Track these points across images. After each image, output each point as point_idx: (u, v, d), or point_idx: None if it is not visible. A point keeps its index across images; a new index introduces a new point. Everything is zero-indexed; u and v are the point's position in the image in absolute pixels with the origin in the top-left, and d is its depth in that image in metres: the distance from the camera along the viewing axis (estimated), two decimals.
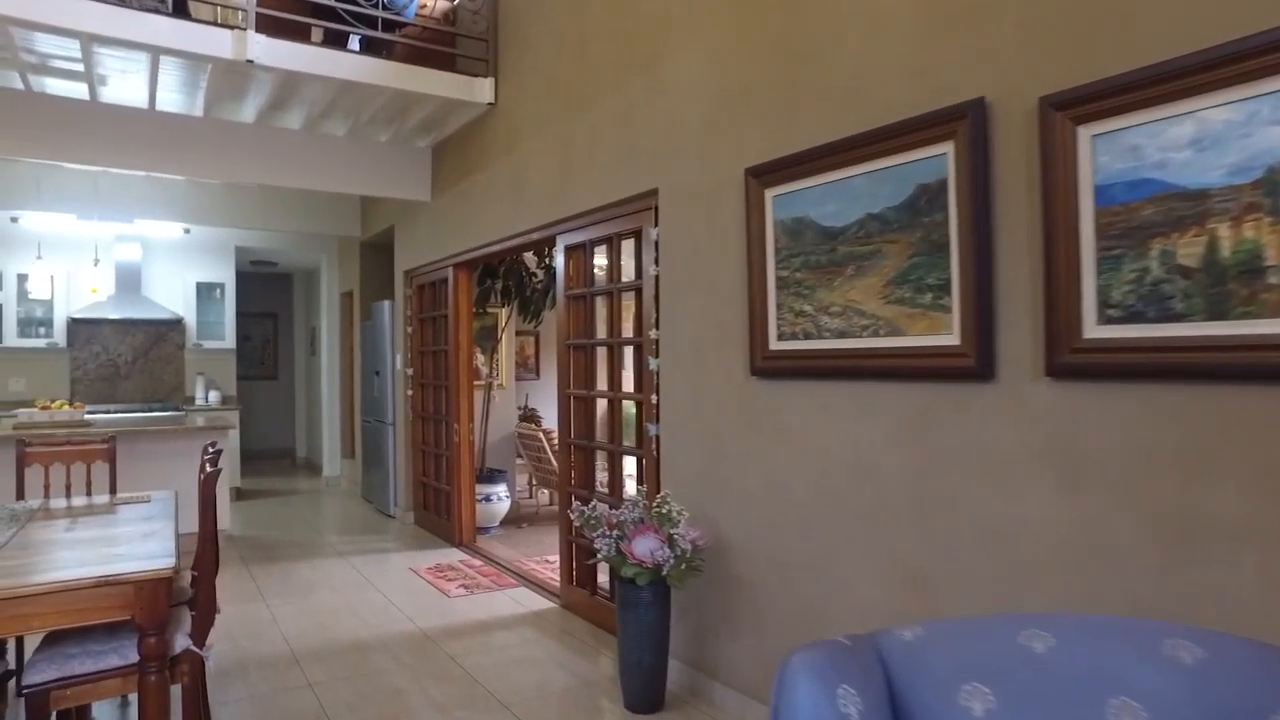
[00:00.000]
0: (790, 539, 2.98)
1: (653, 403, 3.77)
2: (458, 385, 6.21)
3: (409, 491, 7.10)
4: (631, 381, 4.17)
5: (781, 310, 2.99)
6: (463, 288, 6.19)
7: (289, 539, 6.48)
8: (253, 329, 11.79)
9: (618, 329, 4.20)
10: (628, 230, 4.07)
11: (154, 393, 8.35)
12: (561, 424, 4.63)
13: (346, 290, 9.02)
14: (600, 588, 4.44)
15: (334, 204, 8.19)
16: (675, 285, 3.59)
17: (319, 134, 6.09)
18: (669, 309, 3.63)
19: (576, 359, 4.54)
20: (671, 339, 3.61)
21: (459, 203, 5.98)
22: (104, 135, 5.36)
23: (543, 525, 7.14)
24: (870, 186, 2.64)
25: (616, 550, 3.16)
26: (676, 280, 3.58)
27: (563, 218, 4.52)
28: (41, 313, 7.75)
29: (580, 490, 4.52)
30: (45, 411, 5.73)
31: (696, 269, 3.45)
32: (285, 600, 4.81)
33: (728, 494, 3.27)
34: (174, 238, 8.32)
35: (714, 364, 3.34)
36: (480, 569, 5.54)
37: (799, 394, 2.94)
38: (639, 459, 4.03)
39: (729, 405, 3.26)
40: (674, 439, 3.60)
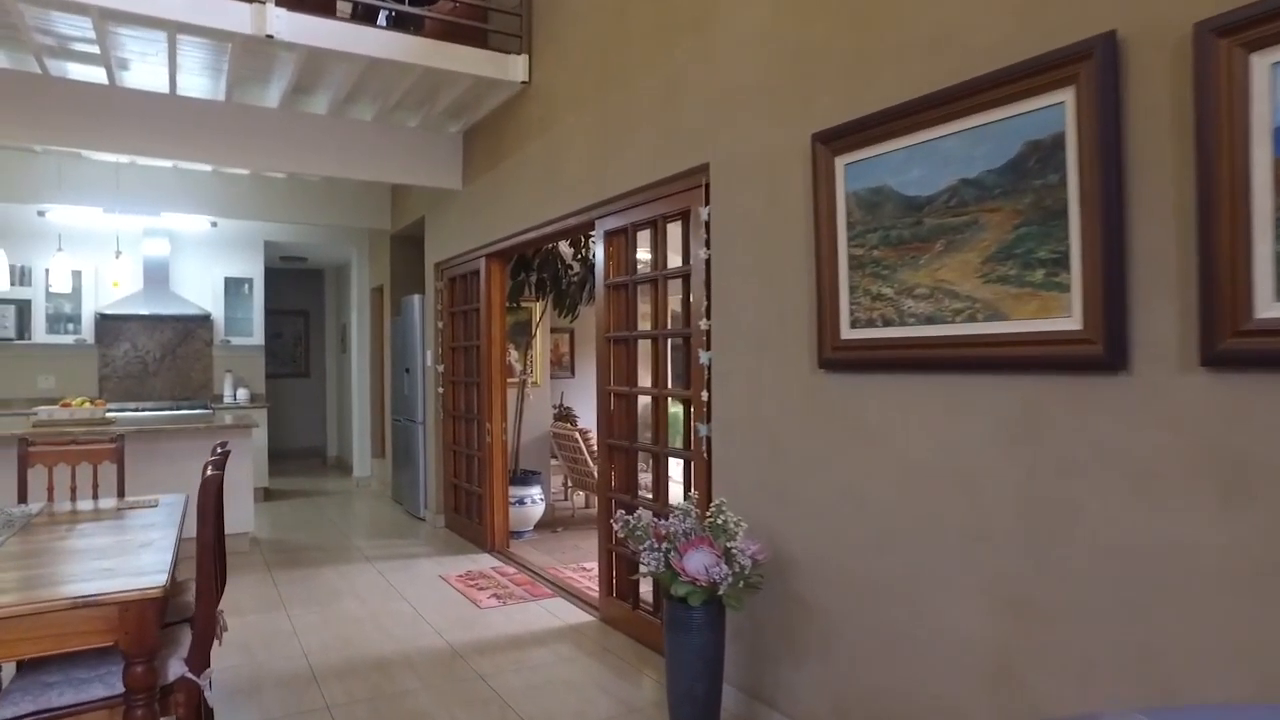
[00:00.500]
0: (865, 555, 2.61)
1: (703, 400, 3.41)
2: (490, 382, 5.91)
3: (439, 493, 6.82)
4: (678, 377, 3.82)
5: (855, 294, 2.62)
6: (495, 280, 5.88)
7: (315, 542, 6.23)
8: (284, 326, 11.64)
9: (663, 320, 3.86)
10: (674, 212, 3.72)
11: (182, 390, 8.17)
12: (601, 423, 4.29)
13: (377, 285, 8.78)
14: (643, 601, 4.10)
15: (363, 195, 7.94)
16: (729, 270, 3.23)
17: (346, 119, 5.82)
18: (722, 296, 3.28)
19: (617, 353, 4.20)
20: (725, 330, 3.26)
21: (491, 190, 5.67)
22: (123, 122, 5.13)
23: (579, 529, 6.82)
24: (964, 148, 2.26)
25: (666, 566, 2.81)
26: (731, 264, 3.23)
27: (602, 200, 4.18)
28: (70, 309, 7.60)
29: (621, 495, 4.18)
30: (65, 409, 5.53)
31: (754, 251, 3.09)
32: (308, 609, 4.53)
33: (790, 502, 2.90)
34: (201, 232, 8.14)
35: (775, 356, 2.98)
36: (513, 577, 5.22)
37: (876, 389, 2.57)
38: (687, 462, 3.68)
39: (792, 402, 2.89)
40: (728, 440, 3.24)
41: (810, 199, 2.79)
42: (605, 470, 4.27)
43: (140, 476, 5.39)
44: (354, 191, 7.89)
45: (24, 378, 7.63)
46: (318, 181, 7.68)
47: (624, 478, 4.20)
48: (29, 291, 7.37)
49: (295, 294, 11.53)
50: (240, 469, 5.84)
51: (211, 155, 5.44)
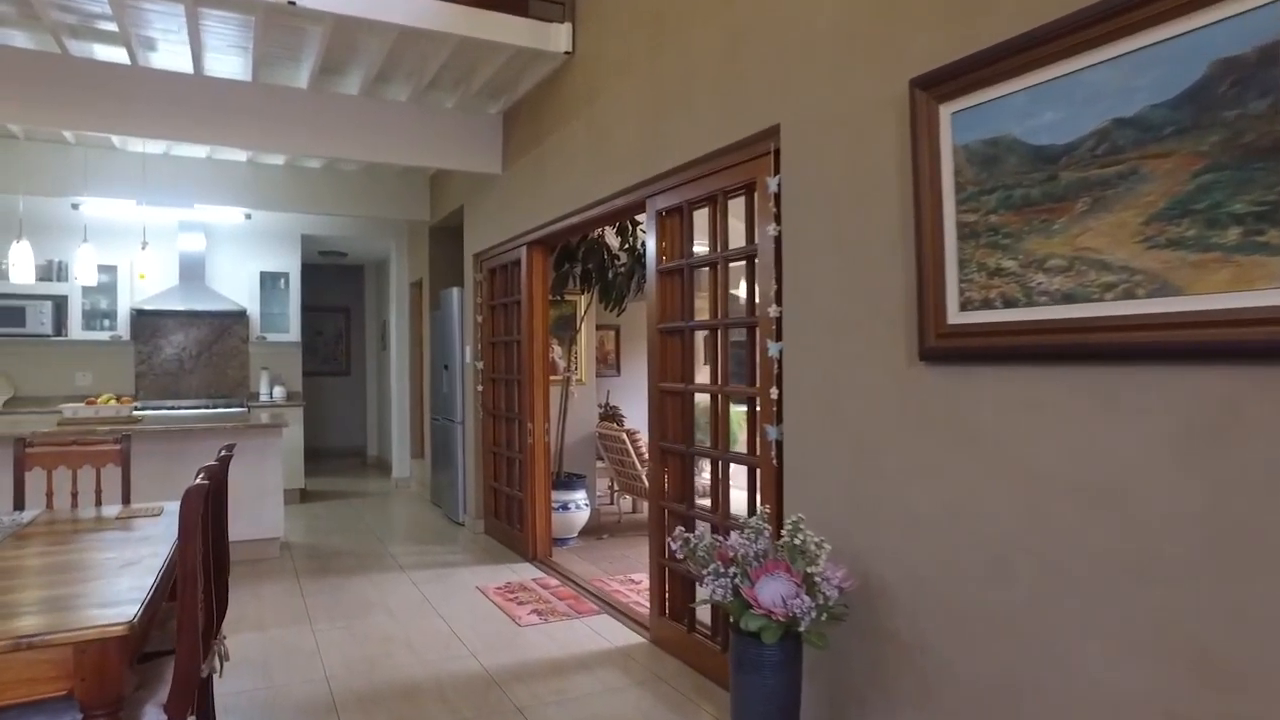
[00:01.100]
0: (976, 584, 2.15)
1: (772, 398, 2.97)
2: (531, 379, 5.53)
3: (479, 497, 6.46)
4: (741, 372, 3.38)
5: (967, 269, 2.15)
6: (537, 269, 5.50)
7: (348, 548, 5.91)
8: (325, 324, 11.44)
9: (723, 308, 3.42)
10: (736, 185, 3.28)
11: (218, 388, 7.95)
12: (652, 424, 3.87)
13: (416, 280, 8.48)
14: (700, 623, 3.66)
15: (401, 185, 7.63)
16: (804, 247, 2.79)
17: (379, 100, 5.49)
18: (795, 278, 2.83)
19: (670, 346, 3.78)
20: (799, 316, 2.81)
21: (532, 173, 5.29)
22: (148, 104, 4.85)
23: (626, 536, 6.41)
24: (1119, 78, 1.79)
25: (735, 594, 2.38)
26: (806, 241, 2.78)
27: (654, 176, 3.76)
28: (106, 304, 7.42)
29: (674, 504, 3.75)
30: (91, 406, 5.29)
31: (834, 224, 2.64)
32: (334, 624, 4.19)
33: (881, 520, 2.45)
34: (236, 225, 7.90)
35: (860, 346, 2.53)
36: (556, 590, 4.83)
37: (993, 384, 2.10)
38: (751, 469, 3.24)
39: (883, 401, 2.44)
40: (802, 445, 2.79)
41: (906, 158, 2.33)
42: (657, 476, 3.85)
43: (165, 479, 5.13)
44: (391, 181, 7.59)
45: (62, 375, 7.48)
46: (354, 171, 7.40)
47: (678, 485, 3.77)
48: (65, 287, 7.21)
49: (336, 291, 11.32)
50: (269, 470, 5.55)
51: (239, 139, 5.14)
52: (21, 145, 6.27)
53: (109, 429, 5.01)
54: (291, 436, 7.63)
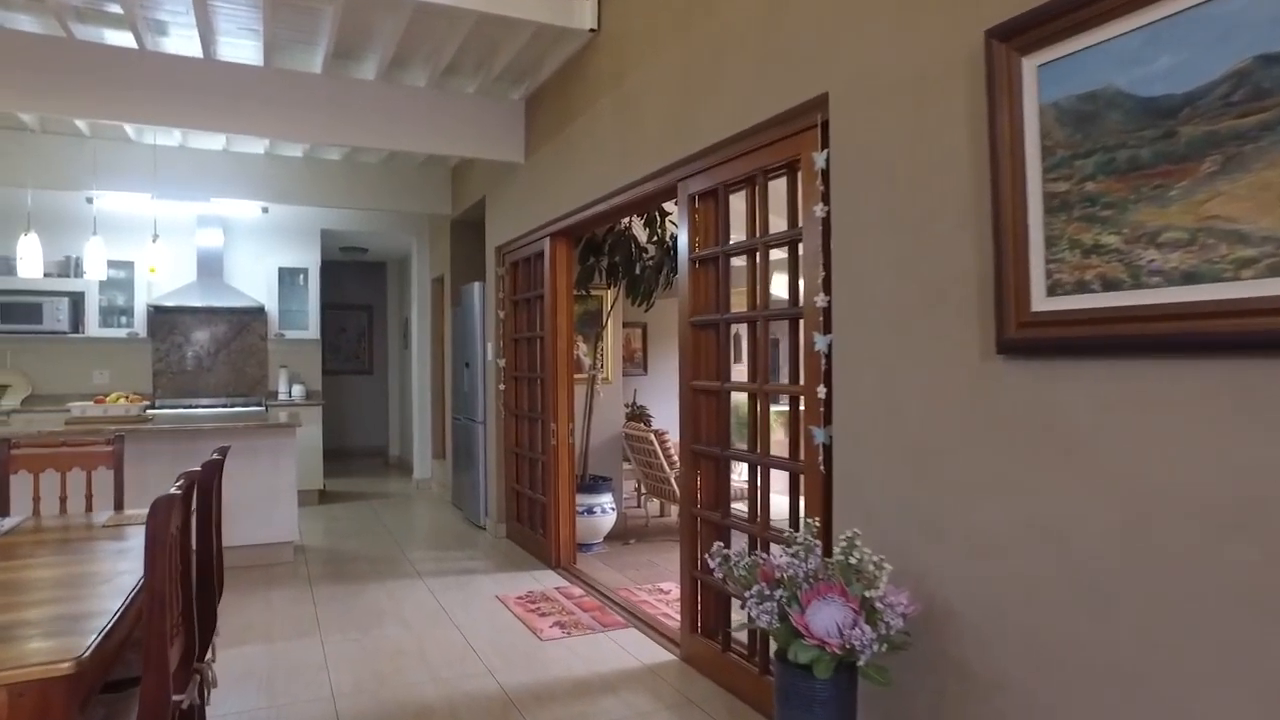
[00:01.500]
0: (1065, 616, 1.84)
1: (819, 397, 2.67)
2: (555, 378, 5.26)
3: (500, 500, 6.21)
4: (785, 368, 3.08)
5: (1056, 247, 1.84)
6: (561, 261, 5.23)
7: (365, 552, 5.68)
8: (348, 321, 11.28)
9: (763, 298, 3.12)
10: (777, 163, 2.98)
11: (237, 386, 7.78)
12: (684, 425, 3.58)
13: (438, 276, 8.25)
14: (737, 641, 3.37)
15: (422, 178, 7.40)
16: (857, 228, 2.48)
17: (397, 86, 5.25)
18: (847, 264, 2.53)
19: (704, 341, 3.49)
20: (851, 306, 2.51)
21: (556, 160, 5.02)
22: (156, 90, 4.65)
23: (654, 541, 6.13)
24: (1264, 5, 1.47)
25: (781, 619, 2.08)
26: (859, 220, 2.47)
27: (686, 157, 3.47)
28: (123, 300, 7.27)
29: (708, 513, 3.46)
30: (99, 405, 5.09)
31: (893, 201, 2.34)
32: (345, 636, 3.95)
33: (947, 537, 2.14)
34: (253, 219, 7.72)
35: (924, 338, 2.22)
36: (580, 600, 4.55)
37: (1089, 380, 1.79)
38: (794, 475, 2.94)
39: (951, 400, 2.13)
40: (854, 449, 2.49)
41: (980, 122, 2.02)
42: (689, 482, 3.56)
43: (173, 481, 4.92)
44: (412, 174, 7.36)
45: (79, 373, 7.34)
46: (374, 164, 7.18)
47: (712, 491, 3.48)
48: (82, 283, 7.07)
49: (359, 288, 11.15)
50: (283, 472, 5.34)
51: (251, 126, 4.92)
52: (35, 138, 6.11)
53: (115, 428, 4.82)
54: (310, 436, 7.44)
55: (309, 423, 7.45)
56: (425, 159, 7.13)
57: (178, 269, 7.46)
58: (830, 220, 2.62)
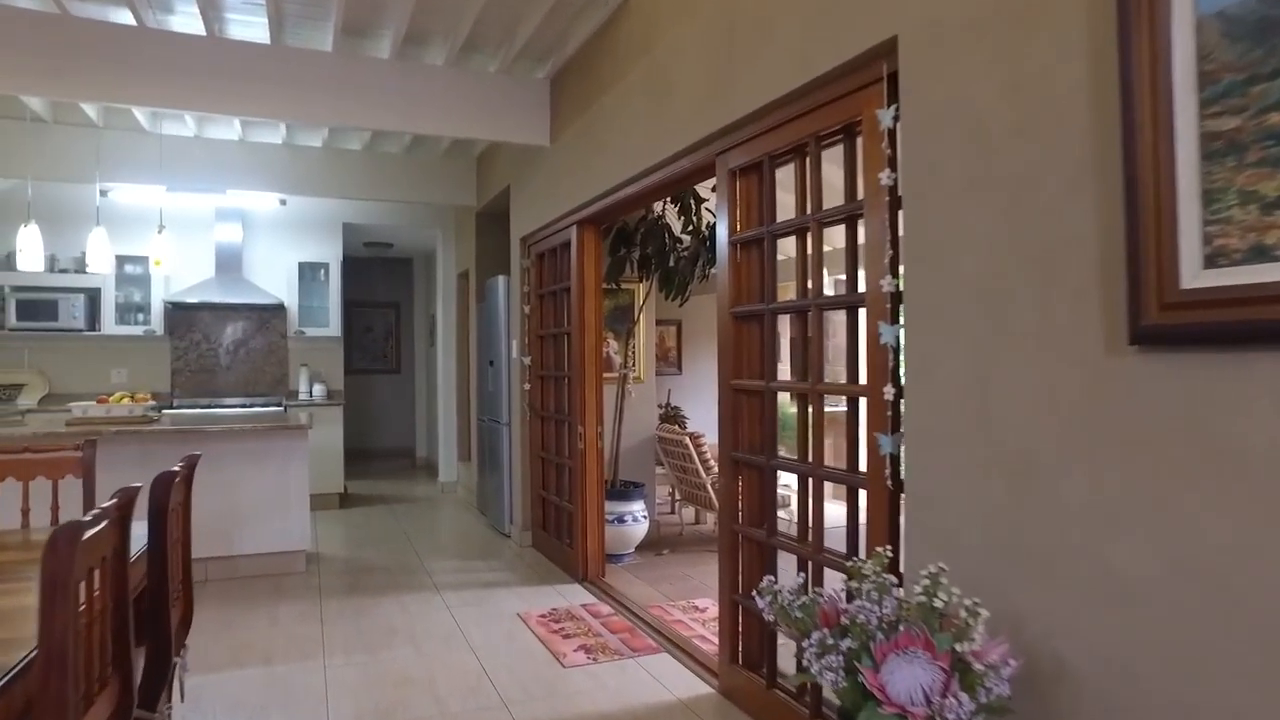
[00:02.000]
0: (1238, 687, 1.40)
1: (885, 398, 2.25)
2: (583, 377, 4.88)
3: (526, 507, 5.84)
4: (842, 365, 2.67)
5: (1219, 203, 1.41)
6: (589, 250, 4.85)
7: (382, 562, 5.35)
8: (375, 319, 11.03)
9: (815, 284, 2.70)
10: (832, 128, 2.57)
11: (256, 385, 7.52)
12: (723, 429, 3.17)
13: (463, 271, 7.92)
14: (783, 675, 2.96)
15: (446, 168, 7.07)
16: (936, 196, 2.06)
17: (414, 64, 4.91)
18: (923, 239, 2.11)
19: (746, 335, 3.08)
20: (928, 289, 2.08)
21: (582, 141, 4.64)
22: (157, 70, 4.35)
23: (688, 551, 5.73)
24: None
25: (848, 671, 1.67)
26: (938, 188, 2.05)
27: (726, 126, 3.07)
28: (140, 297, 7.04)
29: (750, 530, 3.05)
30: (102, 405, 4.82)
31: (982, 160, 1.91)
32: (350, 659, 3.60)
33: (1057, 575, 1.71)
34: (273, 212, 7.45)
35: (1026, 325, 1.79)
36: (608, 619, 4.17)
37: (1269, 379, 1.36)
38: (852, 489, 2.53)
39: (1065, 403, 1.70)
40: (931, 461, 2.07)
41: (1108, 49, 1.60)
42: (729, 494, 3.15)
43: None
44: (435, 164, 7.04)
45: (97, 371, 7.13)
46: (396, 153, 6.87)
47: (755, 505, 3.07)
48: (98, 279, 6.84)
49: (385, 285, 10.89)
50: (295, 476, 5.02)
51: (259, 107, 4.61)
52: (47, 129, 5.89)
53: (116, 429, 4.54)
54: (330, 437, 7.16)
55: (330, 423, 7.17)
56: (449, 148, 6.80)
57: (196, 264, 7.22)
58: (899, 189, 2.20)
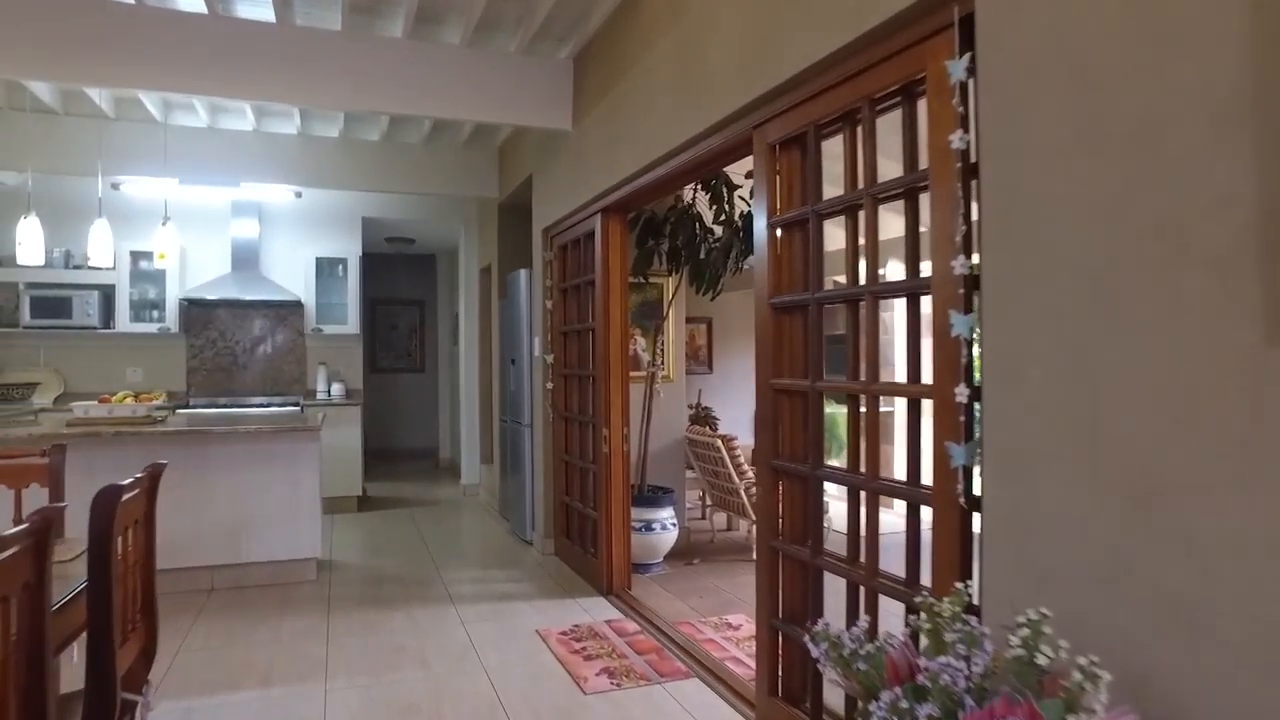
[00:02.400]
0: None
1: (957, 401, 1.90)
2: (608, 375, 4.57)
3: (548, 513, 5.55)
4: (900, 363, 2.33)
5: None
6: (614, 240, 4.53)
7: (395, 571, 5.07)
8: (399, 317, 10.82)
9: (871, 269, 2.36)
10: (888, 88, 2.23)
11: (274, 385, 7.30)
12: (762, 434, 2.84)
13: (485, 266, 7.65)
14: (830, 711, 2.62)
15: (467, 158, 6.79)
16: (1026, 156, 1.71)
17: (428, 43, 4.62)
18: (1005, 210, 1.76)
19: (789, 328, 2.74)
20: (1015, 269, 1.74)
21: (606, 123, 4.33)
22: (151, 52, 4.10)
23: (720, 560, 5.41)
24: None
25: None
26: (1029, 146, 1.70)
27: (764, 94, 2.73)
28: (155, 294, 6.86)
29: (792, 547, 2.71)
30: (104, 405, 4.60)
31: (1088, 107, 1.56)
32: (353, 681, 3.32)
33: (1198, 625, 1.35)
34: (288, 205, 7.23)
35: (1152, 313, 1.44)
36: (633, 639, 3.85)
37: None
38: (913, 505, 2.18)
39: (1205, 410, 1.35)
40: (1019, 476, 1.72)
41: None
42: (768, 506, 2.81)
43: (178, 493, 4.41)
44: (456, 154, 6.76)
45: (113, 370, 6.96)
46: (415, 144, 6.60)
47: (798, 520, 2.73)
48: (112, 275, 6.66)
49: (409, 282, 10.68)
50: (305, 481, 4.77)
51: (265, 90, 4.35)
52: (56, 120, 5.69)
53: (115, 431, 4.31)
54: (348, 438, 6.93)
55: (348, 424, 6.94)
56: (469, 137, 6.53)
57: (212, 260, 7.02)
58: (977, 152, 1.86)
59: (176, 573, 4.53)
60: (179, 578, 4.54)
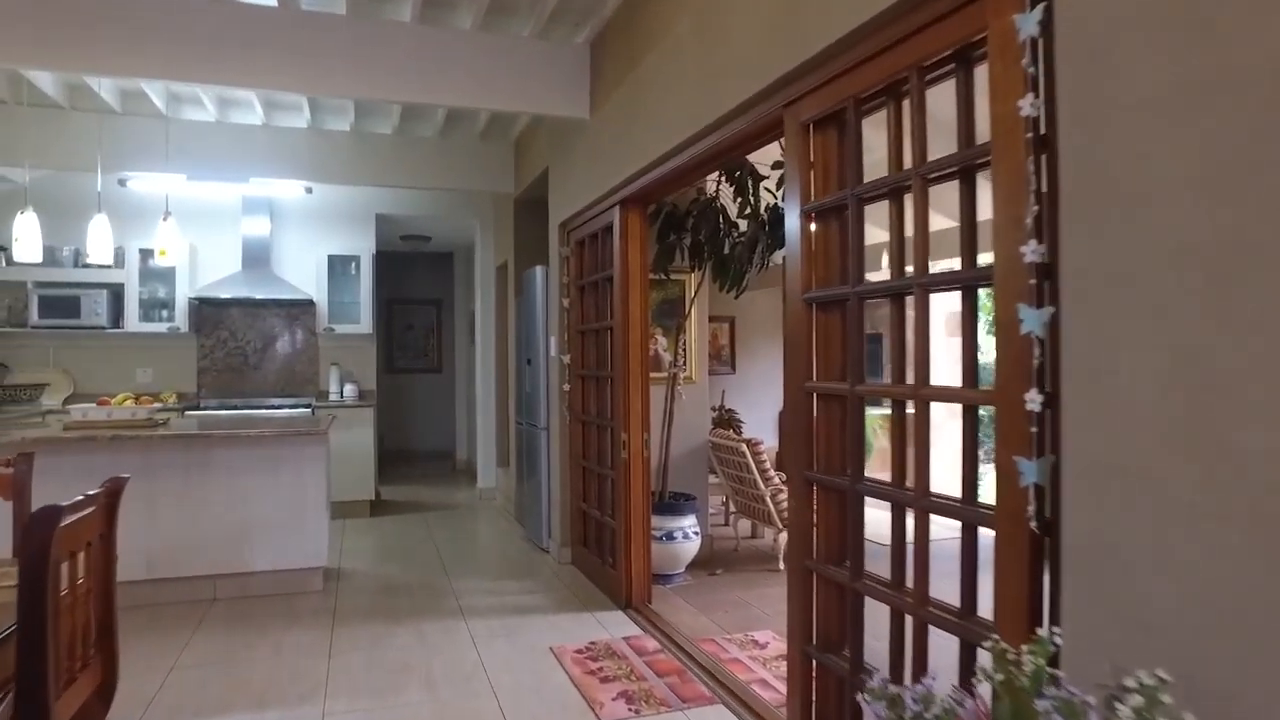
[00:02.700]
0: None
1: (1027, 409, 1.64)
2: (627, 376, 4.33)
3: (566, 520, 5.31)
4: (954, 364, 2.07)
5: None
6: (633, 235, 4.29)
7: (406, 580, 4.86)
8: (415, 317, 10.65)
9: (920, 259, 2.10)
10: (939, 54, 1.97)
11: (287, 385, 7.13)
12: (794, 442, 2.58)
13: (501, 263, 7.43)
14: None
15: (482, 152, 6.57)
16: (1119, 117, 1.45)
17: (438, 27, 4.40)
18: (1095, 183, 1.50)
19: (826, 326, 2.48)
20: (1107, 253, 1.47)
21: (625, 109, 4.09)
22: (148, 38, 3.91)
23: (744, 571, 5.15)
24: None
25: None
26: (1124, 104, 1.44)
27: (796, 67, 2.47)
28: (164, 293, 6.70)
29: (829, 568, 2.45)
30: (103, 407, 4.43)
31: (1198, 53, 1.30)
32: (353, 705, 3.10)
33: None
34: (299, 201, 7.06)
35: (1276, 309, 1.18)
36: (653, 658, 3.60)
37: None
38: (969, 525, 1.92)
39: None
40: (1112, 497, 1.45)
41: None
42: (801, 522, 2.56)
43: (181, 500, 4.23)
44: (470, 148, 6.54)
45: (123, 371, 6.82)
46: (429, 137, 6.40)
47: (835, 538, 2.47)
48: (121, 274, 6.52)
49: (426, 281, 10.50)
50: (310, 486, 4.56)
51: (266, 78, 4.15)
52: (63, 115, 5.53)
53: (112, 434, 4.13)
54: (361, 441, 6.74)
55: (360, 426, 6.75)
56: (484, 130, 6.31)
57: (222, 258, 6.86)
58: (1052, 119, 1.59)
59: (178, 582, 4.36)
60: (180, 587, 4.36)
